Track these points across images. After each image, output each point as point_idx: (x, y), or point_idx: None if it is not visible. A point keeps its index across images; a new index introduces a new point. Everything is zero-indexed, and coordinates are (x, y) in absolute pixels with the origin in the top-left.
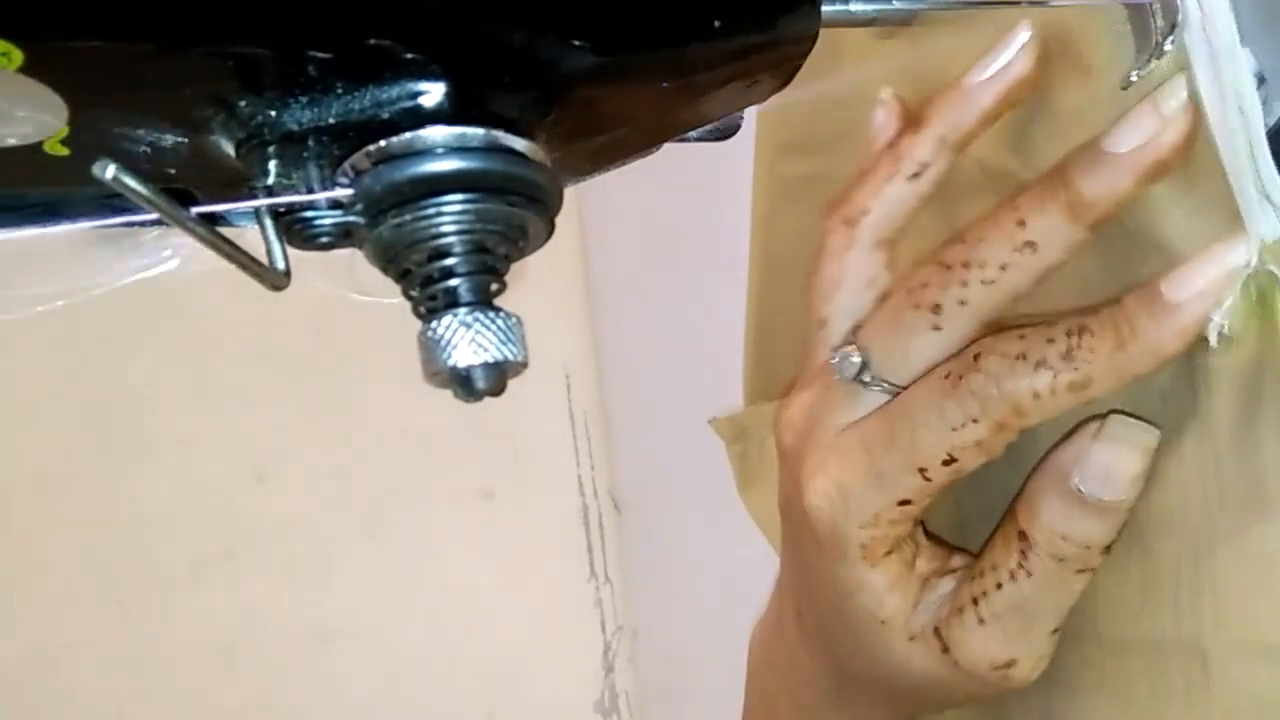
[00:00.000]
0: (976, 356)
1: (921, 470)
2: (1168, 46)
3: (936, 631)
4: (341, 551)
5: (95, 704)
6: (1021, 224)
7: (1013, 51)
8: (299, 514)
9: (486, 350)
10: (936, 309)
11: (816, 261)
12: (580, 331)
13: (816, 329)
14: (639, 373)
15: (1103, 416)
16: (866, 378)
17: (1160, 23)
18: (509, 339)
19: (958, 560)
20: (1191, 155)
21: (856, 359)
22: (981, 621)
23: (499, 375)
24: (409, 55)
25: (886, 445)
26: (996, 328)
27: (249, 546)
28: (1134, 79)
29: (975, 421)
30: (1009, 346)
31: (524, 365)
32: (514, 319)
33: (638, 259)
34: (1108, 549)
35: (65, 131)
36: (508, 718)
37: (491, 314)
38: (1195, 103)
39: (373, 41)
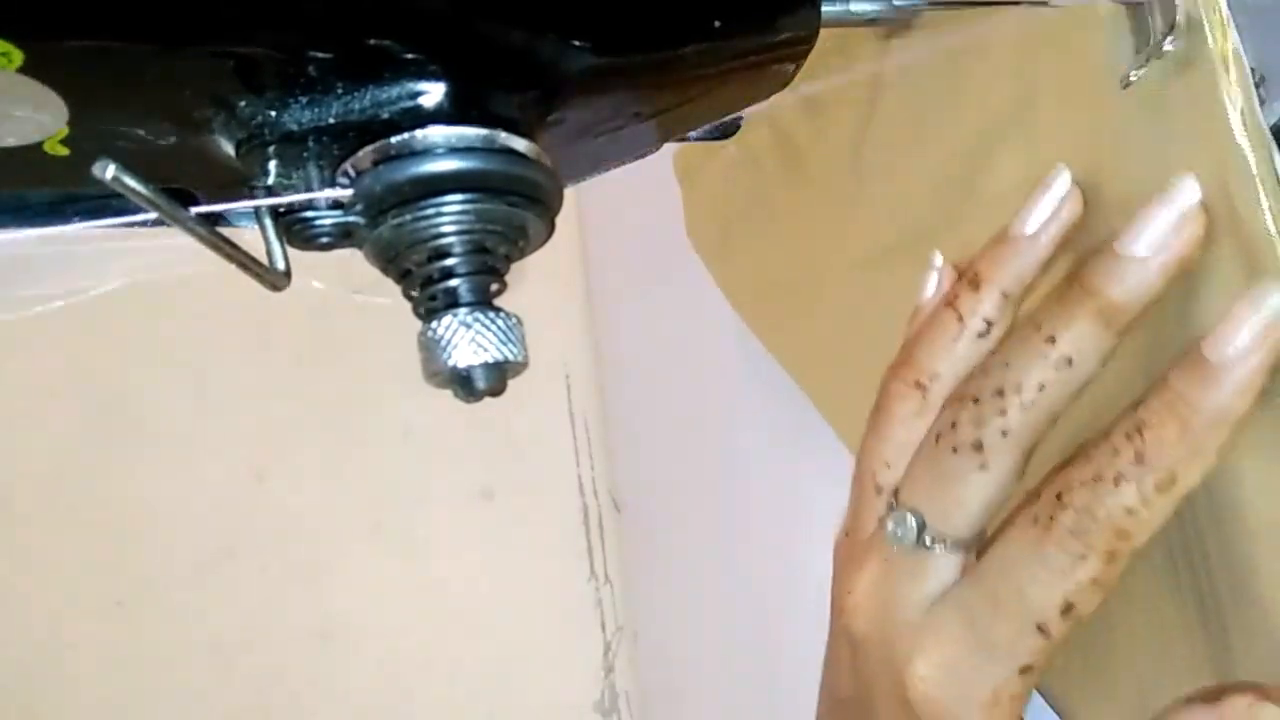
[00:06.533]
0: (1059, 495)
1: (1041, 627)
2: (1167, 46)
3: None
4: (341, 551)
5: (95, 704)
6: (1051, 340)
7: (1059, 196)
8: (299, 514)
9: (486, 350)
10: (979, 447)
11: (878, 423)
12: (580, 331)
13: (872, 495)
14: (639, 373)
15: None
16: (928, 539)
17: (1159, 23)
18: (509, 339)
19: None
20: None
21: (914, 521)
22: None
23: (499, 375)
24: (409, 55)
25: (993, 610)
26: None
27: (249, 546)
28: (1133, 79)
29: (1084, 559)
30: (1081, 472)
31: (524, 365)
32: (514, 319)
33: (638, 259)
34: None
35: (65, 131)
36: (508, 718)
37: (491, 314)
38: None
39: (373, 41)
